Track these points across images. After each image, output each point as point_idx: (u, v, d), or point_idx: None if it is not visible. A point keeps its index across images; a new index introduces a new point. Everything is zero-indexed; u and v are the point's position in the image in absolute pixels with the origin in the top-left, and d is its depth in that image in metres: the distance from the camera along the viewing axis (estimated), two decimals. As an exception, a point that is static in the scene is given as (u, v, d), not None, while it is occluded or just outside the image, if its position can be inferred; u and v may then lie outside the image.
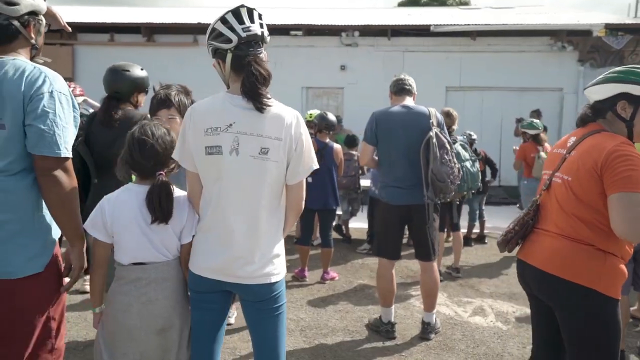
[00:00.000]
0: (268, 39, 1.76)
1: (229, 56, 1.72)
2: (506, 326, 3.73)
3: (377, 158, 3.52)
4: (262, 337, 1.79)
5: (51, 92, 1.65)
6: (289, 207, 1.79)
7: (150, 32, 10.68)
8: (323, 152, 4.83)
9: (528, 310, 4.06)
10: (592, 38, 10.04)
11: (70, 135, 1.70)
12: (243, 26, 1.70)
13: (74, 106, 1.74)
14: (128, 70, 2.94)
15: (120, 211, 1.73)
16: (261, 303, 1.75)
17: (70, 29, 2.04)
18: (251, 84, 1.66)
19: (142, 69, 3.01)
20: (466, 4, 29.26)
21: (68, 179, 1.67)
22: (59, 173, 1.64)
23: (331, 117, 5.06)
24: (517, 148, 6.31)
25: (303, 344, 3.34)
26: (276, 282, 1.75)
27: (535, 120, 6.12)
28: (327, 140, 4.97)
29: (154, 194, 1.69)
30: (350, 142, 6.36)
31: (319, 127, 4.98)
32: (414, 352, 3.26)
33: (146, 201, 1.70)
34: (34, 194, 1.69)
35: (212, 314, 1.79)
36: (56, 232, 1.77)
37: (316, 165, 1.79)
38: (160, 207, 1.69)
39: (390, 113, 3.46)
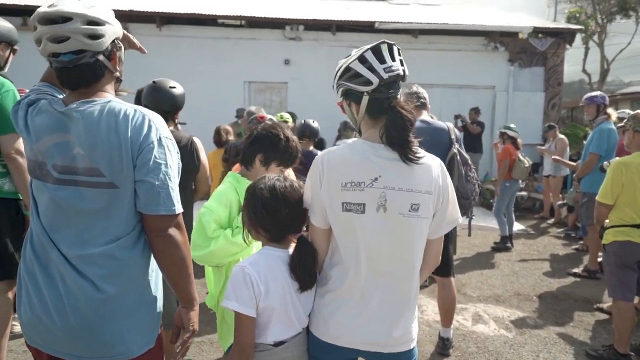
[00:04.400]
0: (406, 77, 1.56)
1: (366, 99, 1.51)
2: (510, 333, 3.83)
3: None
4: None
5: (159, 140, 1.41)
6: (426, 263, 1.62)
7: (72, 17, 9.58)
8: (307, 160, 4.63)
9: (519, 313, 4.27)
10: (521, 40, 10.72)
11: (177, 185, 1.46)
12: (385, 66, 1.48)
13: (176, 150, 1.49)
14: (174, 87, 2.72)
15: (272, 281, 1.48)
16: None
17: (146, 50, 1.69)
18: (398, 131, 1.46)
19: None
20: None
21: (182, 237, 1.44)
22: (173, 231, 1.41)
23: (315, 124, 4.85)
24: (497, 145, 6.54)
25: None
26: (415, 346, 1.59)
27: (513, 125, 6.40)
28: (311, 148, 4.76)
29: (301, 259, 1.48)
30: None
31: (302, 134, 4.75)
32: (441, 371, 3.23)
33: (292, 267, 1.49)
34: (145, 259, 1.47)
35: None
36: (161, 301, 1.57)
37: (461, 218, 1.63)
38: (308, 273, 1.49)
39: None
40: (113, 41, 1.47)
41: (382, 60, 1.49)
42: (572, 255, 6.24)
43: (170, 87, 2.70)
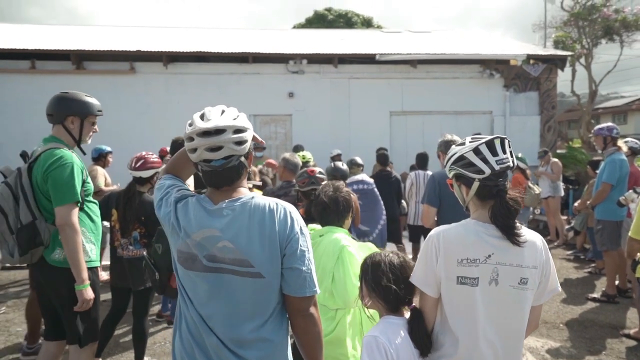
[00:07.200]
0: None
1: (476, 184, 1.69)
2: (549, 364, 4.00)
3: (436, 219, 3.59)
4: None
5: (301, 229, 1.59)
6: (527, 326, 1.78)
7: (80, 58, 9.73)
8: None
9: (552, 343, 4.44)
10: (515, 66, 11.15)
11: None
12: (497, 158, 1.67)
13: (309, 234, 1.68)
14: None
15: (401, 346, 1.65)
16: None
17: (263, 141, 1.84)
18: (503, 218, 1.64)
19: None
20: (369, 22, 30.90)
21: (318, 313, 1.61)
22: (313, 310, 1.58)
23: (344, 167, 5.02)
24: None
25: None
26: None
27: (521, 155, 6.67)
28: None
29: (420, 329, 1.67)
30: None
31: (333, 177, 4.92)
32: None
33: (413, 336, 1.67)
34: (287, 337, 1.62)
35: None
36: None
37: (559, 287, 1.80)
38: (428, 341, 1.67)
39: (452, 176, 3.54)
40: None
41: (494, 153, 1.68)
42: (586, 279, 6.45)
43: None
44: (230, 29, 13.89)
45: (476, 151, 1.69)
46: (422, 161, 6.70)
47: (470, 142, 1.75)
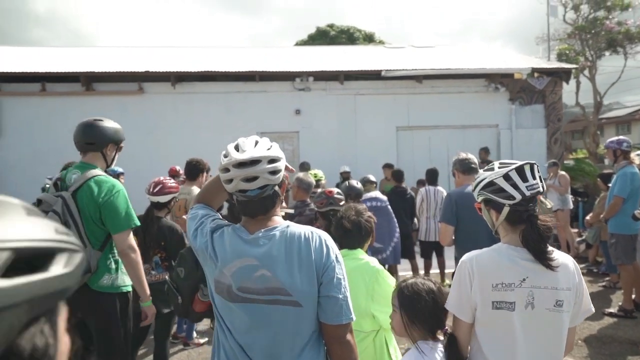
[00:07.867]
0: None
1: (506, 210, 1.71)
2: (570, 383, 3.95)
3: (453, 237, 3.59)
4: None
5: (336, 257, 1.60)
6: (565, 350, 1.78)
7: (89, 80, 9.85)
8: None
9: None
10: (520, 80, 11.22)
11: None
12: (527, 184, 1.69)
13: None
14: None
15: None
16: None
17: (294, 169, 1.86)
18: (534, 242, 1.65)
19: None
20: (371, 37, 31.18)
21: (354, 340, 1.61)
22: (349, 337, 1.58)
23: (358, 185, 5.03)
24: None
25: None
26: None
27: None
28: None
29: (456, 354, 1.67)
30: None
31: (348, 196, 4.92)
32: None
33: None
34: None
35: None
36: None
37: (593, 309, 1.80)
38: None
39: (468, 194, 3.54)
40: None
41: (524, 179, 1.70)
42: (601, 292, 6.39)
43: None
44: (236, 47, 14.08)
45: (506, 177, 1.71)
46: (432, 177, 6.71)
47: (499, 167, 1.76)
